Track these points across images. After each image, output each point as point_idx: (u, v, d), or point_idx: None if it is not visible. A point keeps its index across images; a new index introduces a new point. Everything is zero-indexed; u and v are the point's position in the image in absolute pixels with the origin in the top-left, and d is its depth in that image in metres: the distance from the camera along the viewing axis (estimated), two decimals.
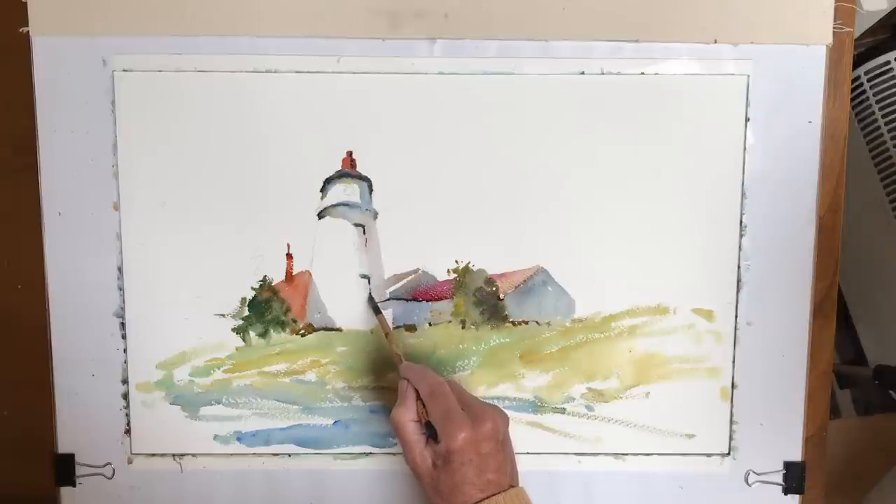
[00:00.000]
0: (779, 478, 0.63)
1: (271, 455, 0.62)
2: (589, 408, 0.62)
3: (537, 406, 0.62)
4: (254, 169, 0.60)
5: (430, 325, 0.62)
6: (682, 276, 0.61)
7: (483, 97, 0.59)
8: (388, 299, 0.61)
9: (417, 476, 0.51)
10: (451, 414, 0.49)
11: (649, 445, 0.63)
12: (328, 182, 0.60)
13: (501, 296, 0.61)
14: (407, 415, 0.51)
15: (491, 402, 0.62)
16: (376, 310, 0.60)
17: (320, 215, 0.60)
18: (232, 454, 0.62)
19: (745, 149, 0.60)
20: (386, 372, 0.62)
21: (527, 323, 0.62)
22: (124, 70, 0.58)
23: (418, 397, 0.51)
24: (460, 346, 0.62)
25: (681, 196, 0.61)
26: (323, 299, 0.61)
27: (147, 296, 0.60)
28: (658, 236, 0.61)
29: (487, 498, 0.48)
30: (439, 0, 0.58)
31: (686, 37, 0.59)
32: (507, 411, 0.62)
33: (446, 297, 0.61)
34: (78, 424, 0.62)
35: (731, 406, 0.62)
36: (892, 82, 0.82)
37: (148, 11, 0.58)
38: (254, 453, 0.62)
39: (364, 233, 0.61)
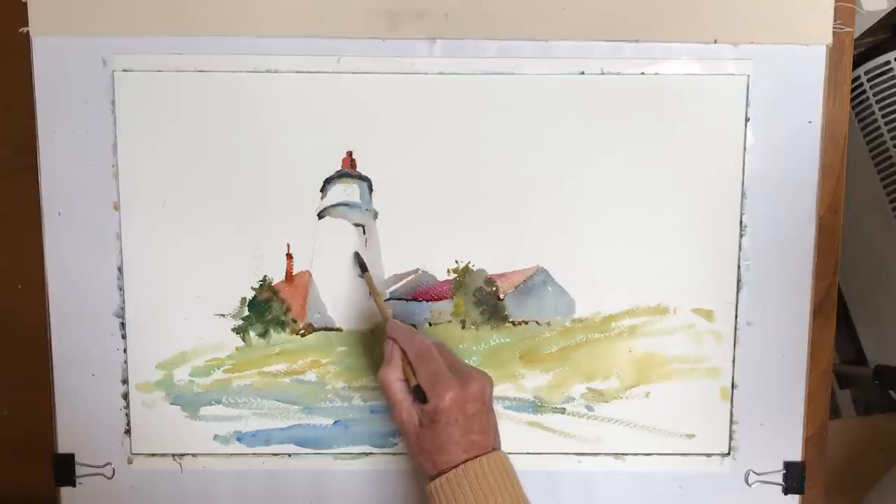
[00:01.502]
0: (779, 478, 0.63)
1: (271, 455, 0.62)
2: (589, 408, 0.62)
3: (537, 406, 0.62)
4: (254, 169, 0.60)
5: (430, 325, 0.62)
6: (682, 276, 0.61)
7: (483, 97, 0.59)
8: (388, 299, 0.61)
9: (403, 434, 0.52)
10: (438, 375, 0.50)
11: (649, 445, 0.63)
12: (328, 182, 0.60)
13: (501, 296, 0.61)
14: (394, 374, 0.52)
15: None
16: (363, 267, 0.59)
17: (320, 215, 0.60)
18: (232, 454, 0.62)
19: (745, 149, 0.60)
20: None
21: (527, 323, 0.62)
22: (124, 70, 0.58)
23: (405, 358, 0.52)
24: (460, 346, 0.62)
25: (681, 196, 0.61)
26: (323, 299, 0.61)
27: (147, 296, 0.60)
28: (658, 236, 0.61)
29: (471, 459, 0.49)
30: (439, 0, 0.58)
31: (686, 37, 0.59)
32: (507, 412, 0.62)
33: (446, 297, 0.61)
34: (78, 424, 0.62)
35: (731, 406, 0.62)
36: (892, 82, 0.82)
37: (148, 11, 0.58)
38: (254, 453, 0.62)
39: (364, 233, 0.61)
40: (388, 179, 0.60)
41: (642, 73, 0.59)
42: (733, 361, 0.62)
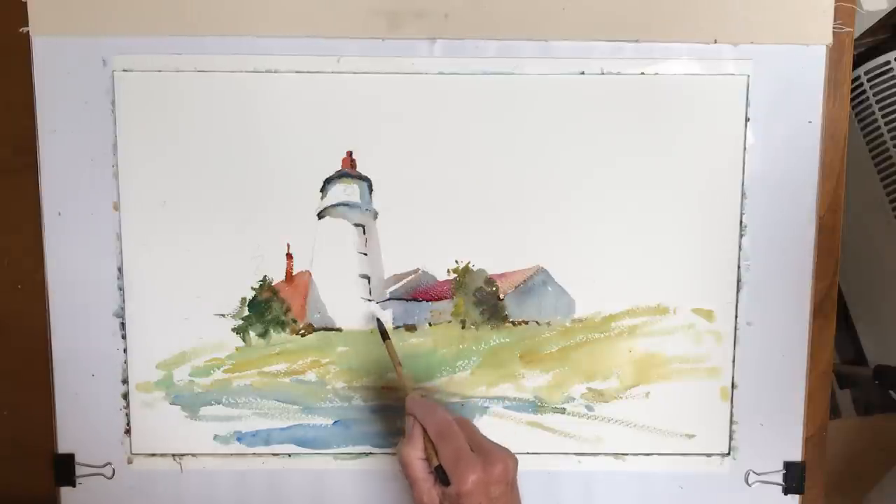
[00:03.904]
0: (779, 478, 0.63)
1: (271, 455, 0.62)
2: (589, 408, 0.62)
3: (537, 406, 0.62)
4: (254, 169, 0.60)
5: (430, 325, 0.62)
6: (682, 276, 0.61)
7: (483, 97, 0.59)
8: (389, 299, 0.61)
9: None
10: (461, 455, 0.48)
11: (649, 445, 0.63)
12: (328, 182, 0.60)
13: (501, 296, 0.61)
14: (414, 452, 0.50)
15: (491, 401, 0.62)
16: (384, 335, 0.59)
17: (320, 215, 0.60)
18: (232, 454, 0.62)
19: (745, 149, 0.60)
20: (386, 372, 0.62)
21: (527, 323, 0.62)
22: (124, 70, 0.58)
23: (426, 435, 0.50)
24: (460, 346, 0.62)
25: (681, 196, 0.61)
26: (323, 299, 0.61)
27: (147, 296, 0.61)
28: (658, 236, 0.61)
29: None
30: (439, 0, 0.58)
31: (686, 37, 0.59)
32: (507, 412, 0.62)
33: (446, 297, 0.61)
34: (78, 424, 0.62)
35: (731, 406, 0.62)
36: (892, 82, 0.82)
37: (148, 11, 0.58)
38: (254, 453, 0.62)
39: (364, 233, 0.61)
40: (388, 179, 0.60)
41: (642, 73, 0.59)
42: (733, 361, 0.62)
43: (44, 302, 0.60)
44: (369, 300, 0.61)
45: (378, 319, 0.60)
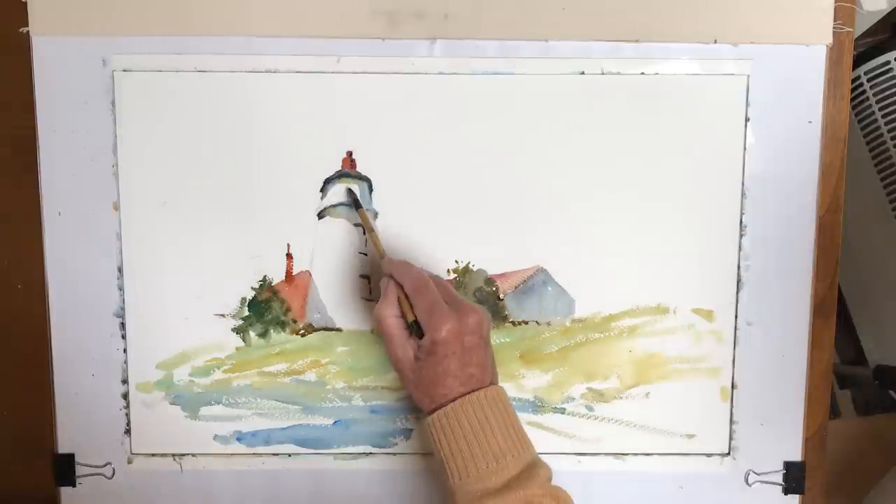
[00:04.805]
0: (779, 478, 0.63)
1: (271, 455, 0.62)
2: (589, 408, 0.62)
3: (537, 406, 0.62)
4: (254, 169, 0.60)
5: None
6: (682, 276, 0.61)
7: (483, 97, 0.59)
8: None
9: (399, 370, 0.51)
10: (435, 307, 0.49)
11: (649, 445, 0.63)
12: (328, 182, 0.60)
13: (501, 296, 0.61)
14: (389, 309, 0.51)
15: None
16: (356, 204, 0.59)
17: (320, 215, 0.60)
18: (232, 454, 0.62)
19: (745, 149, 0.60)
20: (386, 372, 0.62)
21: (527, 323, 0.62)
22: (124, 70, 0.58)
23: (402, 293, 0.51)
24: None
25: (681, 196, 0.61)
26: (323, 299, 0.61)
27: (147, 296, 0.60)
28: (658, 236, 0.61)
29: (469, 393, 0.48)
30: (439, 0, 0.58)
31: (686, 37, 0.59)
32: None
33: None
34: (78, 424, 0.62)
35: (731, 406, 0.62)
36: (892, 82, 0.82)
37: (148, 11, 0.58)
38: (254, 453, 0.62)
39: (364, 233, 0.60)
40: (388, 179, 0.60)
41: (642, 73, 0.59)
42: (733, 361, 0.62)
43: (44, 302, 0.60)
44: (369, 300, 0.61)
45: (349, 189, 0.59)
